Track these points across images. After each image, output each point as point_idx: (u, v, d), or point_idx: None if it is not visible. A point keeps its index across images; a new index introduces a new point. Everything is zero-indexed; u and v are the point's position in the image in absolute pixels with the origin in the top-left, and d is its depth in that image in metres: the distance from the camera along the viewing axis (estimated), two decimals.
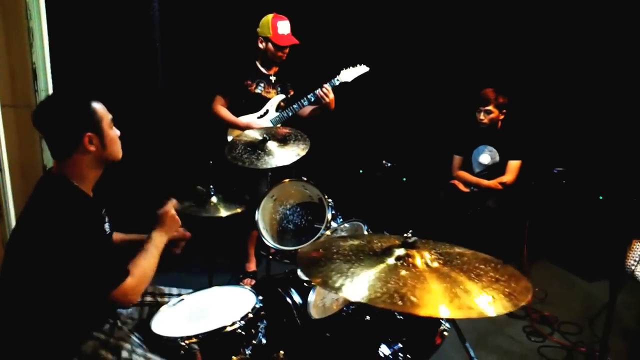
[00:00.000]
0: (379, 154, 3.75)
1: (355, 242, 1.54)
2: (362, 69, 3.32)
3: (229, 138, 3.30)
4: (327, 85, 3.23)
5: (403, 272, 1.29)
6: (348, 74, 3.29)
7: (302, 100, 3.30)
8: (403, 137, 4.35)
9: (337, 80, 3.27)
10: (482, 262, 1.40)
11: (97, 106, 1.71)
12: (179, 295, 2.02)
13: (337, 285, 1.26)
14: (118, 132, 1.79)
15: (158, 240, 1.83)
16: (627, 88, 3.68)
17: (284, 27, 3.26)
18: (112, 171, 1.82)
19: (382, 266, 1.33)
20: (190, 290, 2.06)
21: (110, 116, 1.75)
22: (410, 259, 1.34)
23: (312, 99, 3.28)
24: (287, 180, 2.64)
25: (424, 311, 1.15)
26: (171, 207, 1.94)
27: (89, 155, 1.69)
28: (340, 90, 3.29)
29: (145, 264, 1.73)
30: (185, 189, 2.79)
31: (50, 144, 1.71)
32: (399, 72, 4.13)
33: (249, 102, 3.36)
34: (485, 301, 1.20)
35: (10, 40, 2.68)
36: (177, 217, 1.93)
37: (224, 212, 2.56)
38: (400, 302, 1.17)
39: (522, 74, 4.02)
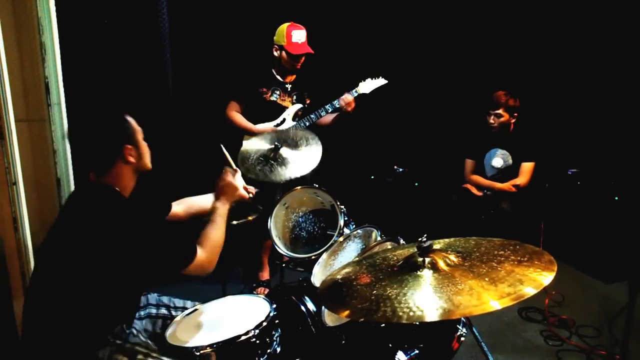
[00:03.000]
0: (391, 160, 3.73)
1: (367, 262, 1.53)
2: (380, 82, 3.34)
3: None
4: (348, 95, 3.24)
5: (435, 278, 1.28)
6: (367, 86, 3.31)
7: (320, 110, 3.31)
8: (414, 142, 4.34)
9: (356, 91, 3.29)
10: (500, 248, 1.40)
11: (130, 119, 1.79)
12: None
13: (410, 314, 1.19)
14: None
15: (222, 210, 1.95)
16: None
17: (298, 35, 3.27)
18: None
19: (418, 280, 1.30)
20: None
21: (140, 128, 1.82)
22: (435, 264, 1.33)
23: (330, 109, 3.29)
24: (298, 187, 2.63)
25: (476, 310, 1.15)
26: (227, 175, 2.04)
27: (128, 167, 1.75)
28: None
29: (214, 235, 1.84)
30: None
31: (88, 158, 1.76)
32: (409, 76, 4.11)
33: (265, 110, 3.36)
34: (518, 283, 1.21)
35: (22, 55, 2.71)
36: (234, 183, 2.02)
37: (234, 221, 2.56)
38: (452, 308, 1.17)
39: (535, 75, 4.00)
